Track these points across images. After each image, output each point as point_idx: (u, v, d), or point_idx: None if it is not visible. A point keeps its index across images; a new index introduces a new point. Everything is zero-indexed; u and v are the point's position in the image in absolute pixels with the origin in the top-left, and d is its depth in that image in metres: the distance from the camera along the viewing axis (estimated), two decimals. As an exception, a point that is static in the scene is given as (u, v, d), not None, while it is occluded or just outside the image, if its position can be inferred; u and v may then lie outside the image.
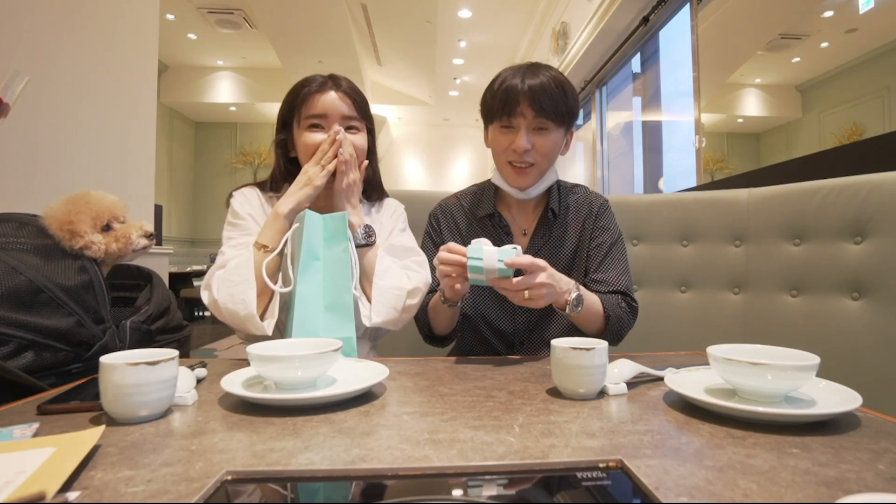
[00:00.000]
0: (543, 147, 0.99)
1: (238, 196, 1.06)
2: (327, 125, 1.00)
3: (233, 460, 0.43)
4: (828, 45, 4.47)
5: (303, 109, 1.00)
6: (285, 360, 0.61)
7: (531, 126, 0.98)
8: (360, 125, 1.04)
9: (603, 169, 5.63)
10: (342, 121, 1.01)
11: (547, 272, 0.83)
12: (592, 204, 1.10)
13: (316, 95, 1.00)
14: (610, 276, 1.03)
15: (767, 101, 5.89)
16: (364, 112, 1.05)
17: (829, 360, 0.62)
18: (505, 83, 0.98)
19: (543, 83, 0.96)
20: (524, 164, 1.00)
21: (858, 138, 3.80)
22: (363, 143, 1.04)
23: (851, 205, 1.09)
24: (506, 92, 0.97)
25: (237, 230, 1.01)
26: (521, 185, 1.03)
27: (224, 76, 8.27)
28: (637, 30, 4.26)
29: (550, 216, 1.07)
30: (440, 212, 1.16)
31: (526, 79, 0.96)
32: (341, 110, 1.01)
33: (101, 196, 0.99)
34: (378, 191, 1.16)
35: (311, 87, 1.01)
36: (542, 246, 1.08)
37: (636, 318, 1.04)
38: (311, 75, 1.05)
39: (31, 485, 0.36)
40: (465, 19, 6.16)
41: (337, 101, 1.01)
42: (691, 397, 0.57)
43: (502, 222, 1.09)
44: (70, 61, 1.83)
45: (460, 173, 10.24)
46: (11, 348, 0.77)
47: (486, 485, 0.41)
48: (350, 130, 1.02)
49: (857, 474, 0.40)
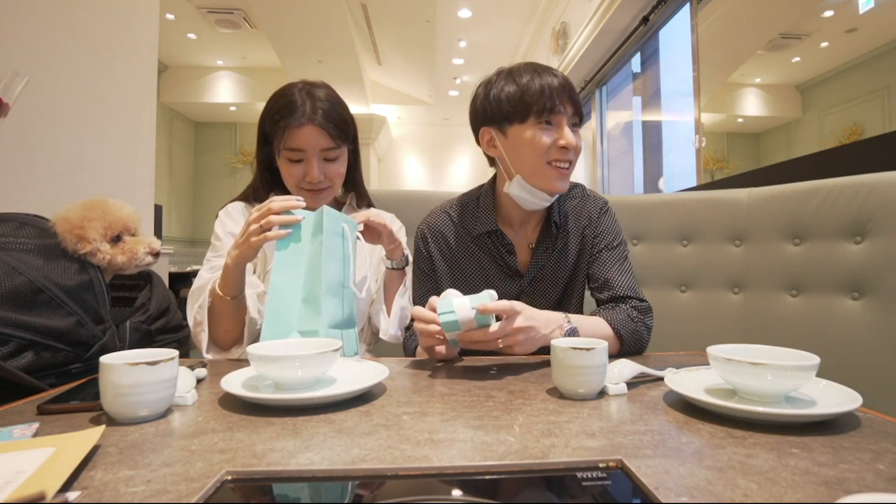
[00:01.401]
0: (579, 144, 0.95)
1: (221, 216, 1.09)
2: (307, 157, 1.02)
3: (233, 460, 0.43)
4: (828, 45, 4.47)
5: (282, 141, 1.01)
6: (285, 360, 0.60)
7: (570, 123, 0.94)
8: (339, 151, 1.05)
9: (603, 169, 5.63)
10: (321, 153, 1.02)
11: (524, 314, 0.77)
12: (591, 209, 1.05)
13: (294, 130, 1.00)
14: (613, 280, 0.99)
15: (767, 100, 5.89)
16: (344, 135, 1.04)
17: (829, 360, 0.62)
18: (535, 81, 0.92)
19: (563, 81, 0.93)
20: (567, 164, 0.94)
21: (858, 138, 3.80)
22: (342, 169, 1.07)
23: (851, 205, 1.09)
24: (543, 89, 0.91)
25: (214, 252, 1.04)
26: (564, 188, 0.96)
27: (224, 76, 8.27)
28: (637, 29, 4.25)
29: (553, 229, 1.02)
30: (428, 232, 1.07)
31: (550, 75, 0.93)
32: (319, 144, 1.01)
33: (119, 206, 0.99)
34: (364, 199, 1.19)
35: (290, 120, 0.99)
36: (548, 259, 1.03)
37: (652, 316, 0.98)
38: (289, 89, 1.03)
39: (31, 485, 0.36)
40: (464, 19, 6.15)
41: (314, 136, 1.00)
42: (691, 397, 0.57)
43: (504, 239, 1.02)
44: (70, 61, 1.83)
45: (460, 173, 10.24)
46: (11, 348, 0.77)
47: (486, 485, 0.41)
48: (328, 161, 1.04)
49: (857, 474, 0.40)
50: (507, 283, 1.03)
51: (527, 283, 1.03)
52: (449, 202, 1.11)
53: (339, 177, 1.07)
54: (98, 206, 0.95)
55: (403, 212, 1.40)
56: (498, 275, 1.04)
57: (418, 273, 1.07)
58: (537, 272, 1.03)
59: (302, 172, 1.02)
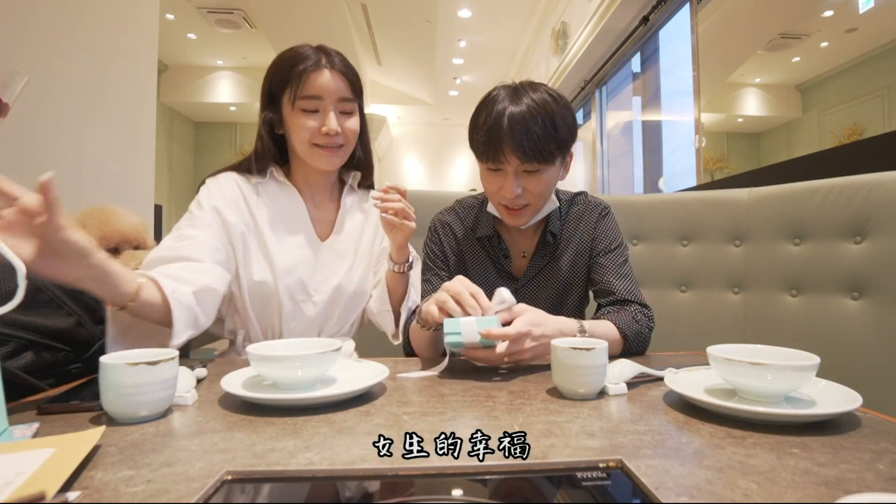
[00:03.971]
0: (536, 188, 0.92)
1: (210, 185, 0.99)
2: (323, 107, 0.96)
3: (233, 460, 0.43)
4: (828, 45, 4.47)
5: (296, 89, 0.95)
6: (285, 360, 0.61)
7: (519, 171, 0.91)
8: (354, 105, 1.00)
9: (603, 169, 5.63)
10: (338, 103, 0.97)
11: (532, 335, 0.76)
12: (592, 215, 1.06)
13: (311, 75, 0.95)
14: (613, 284, 0.99)
15: (767, 100, 5.89)
16: (357, 90, 1.00)
17: (829, 360, 0.62)
18: (489, 120, 0.89)
19: (528, 120, 0.86)
20: (518, 206, 0.94)
21: (858, 138, 3.80)
22: (356, 126, 1.01)
23: (851, 205, 1.09)
24: (489, 133, 0.88)
25: (189, 220, 0.94)
26: (516, 224, 0.99)
27: (224, 76, 8.27)
28: (637, 29, 4.25)
29: (549, 237, 1.03)
30: (440, 227, 1.10)
31: (508, 117, 0.87)
32: (338, 91, 0.97)
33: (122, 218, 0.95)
34: (368, 177, 1.13)
35: (306, 64, 0.95)
36: (543, 268, 1.04)
37: (654, 318, 0.98)
38: (299, 47, 0.98)
39: (31, 485, 0.36)
40: (465, 19, 6.16)
41: (332, 81, 0.96)
42: (691, 397, 0.57)
43: (501, 245, 1.04)
44: (70, 61, 1.83)
45: (460, 173, 10.24)
46: (11, 348, 0.77)
47: (486, 485, 0.41)
48: (344, 114, 0.99)
49: (857, 474, 0.40)
50: (504, 285, 1.04)
51: (521, 286, 1.05)
52: (459, 201, 1.14)
53: (354, 134, 1.01)
54: (99, 216, 0.93)
55: (403, 212, 1.39)
56: (496, 276, 1.06)
57: (430, 267, 1.08)
58: (532, 277, 1.05)
59: (318, 124, 0.96)
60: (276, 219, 1.02)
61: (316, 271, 1.03)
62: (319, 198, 1.08)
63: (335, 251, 1.06)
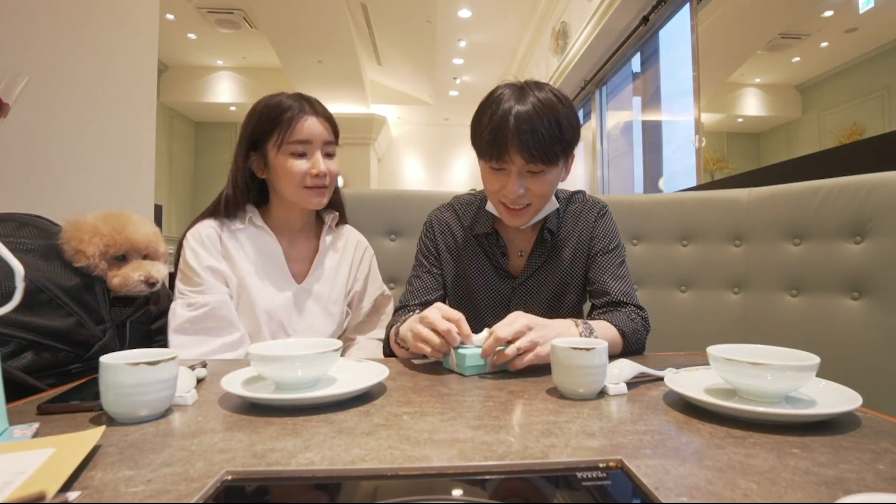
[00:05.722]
0: (539, 188, 0.92)
1: (194, 246, 1.02)
2: (310, 150, 1.02)
3: (233, 460, 0.43)
4: (828, 45, 4.47)
5: (285, 134, 1.00)
6: (285, 360, 0.61)
7: (523, 171, 0.90)
8: (335, 148, 1.07)
9: (603, 168, 5.63)
10: (323, 146, 1.03)
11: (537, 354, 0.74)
12: (590, 214, 1.06)
13: (298, 121, 1.00)
14: (608, 285, 0.99)
15: (767, 100, 5.89)
16: (337, 133, 1.08)
17: (829, 360, 0.62)
18: (494, 119, 0.88)
19: (534, 120, 0.86)
20: (519, 206, 0.94)
21: (858, 138, 3.80)
22: (338, 167, 1.07)
23: (851, 205, 1.09)
24: (494, 132, 0.88)
25: (191, 287, 0.99)
26: (515, 224, 0.98)
27: (224, 76, 8.27)
28: (637, 29, 4.25)
29: (547, 235, 1.03)
30: (436, 224, 1.10)
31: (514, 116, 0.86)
32: (323, 136, 1.03)
33: (136, 227, 0.94)
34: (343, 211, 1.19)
35: (292, 111, 1.01)
36: (541, 266, 1.05)
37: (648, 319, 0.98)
38: (279, 95, 1.04)
39: (31, 485, 0.36)
40: (465, 19, 6.15)
41: (319, 127, 1.03)
42: (691, 397, 0.57)
43: (499, 242, 1.05)
44: (69, 61, 1.83)
45: (460, 173, 10.24)
46: (11, 348, 0.77)
47: (486, 485, 0.41)
48: (328, 157, 1.05)
49: (857, 474, 0.40)
50: (501, 283, 1.06)
51: (518, 284, 1.05)
52: (457, 198, 1.14)
53: (337, 175, 1.07)
54: (114, 221, 0.92)
55: (403, 212, 1.40)
56: (493, 274, 1.06)
57: (422, 263, 1.08)
58: (529, 276, 1.05)
59: (306, 168, 1.01)
60: (255, 264, 1.06)
61: (294, 313, 1.08)
62: (297, 238, 1.13)
63: (311, 294, 1.10)
